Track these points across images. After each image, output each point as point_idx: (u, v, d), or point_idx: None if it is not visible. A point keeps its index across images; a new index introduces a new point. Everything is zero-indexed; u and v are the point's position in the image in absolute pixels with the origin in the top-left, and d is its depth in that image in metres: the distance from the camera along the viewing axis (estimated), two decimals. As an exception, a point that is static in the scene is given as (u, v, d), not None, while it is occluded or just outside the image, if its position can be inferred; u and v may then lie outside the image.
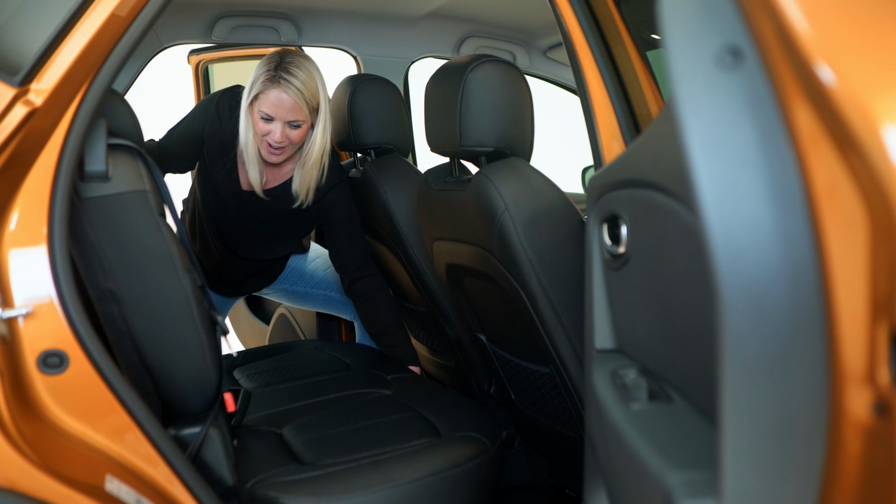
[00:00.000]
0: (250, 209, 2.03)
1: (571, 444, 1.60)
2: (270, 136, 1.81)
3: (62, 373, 1.04)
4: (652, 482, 0.78)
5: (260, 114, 1.80)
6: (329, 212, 2.03)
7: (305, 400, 1.86)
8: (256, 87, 1.79)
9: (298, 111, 1.80)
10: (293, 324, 2.83)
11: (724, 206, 0.63)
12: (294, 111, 1.80)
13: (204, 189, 2.08)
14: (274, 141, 1.82)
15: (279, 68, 1.79)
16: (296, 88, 1.78)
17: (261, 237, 2.11)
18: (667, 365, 0.92)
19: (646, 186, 0.90)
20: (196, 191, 2.15)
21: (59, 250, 1.04)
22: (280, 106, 1.79)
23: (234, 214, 2.06)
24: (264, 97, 1.79)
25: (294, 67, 1.79)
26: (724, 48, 0.64)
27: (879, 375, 0.55)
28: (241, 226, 2.08)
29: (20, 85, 0.99)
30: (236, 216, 2.05)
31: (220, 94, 1.97)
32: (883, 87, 0.55)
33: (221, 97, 1.96)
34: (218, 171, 2.01)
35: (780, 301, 0.62)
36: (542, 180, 1.43)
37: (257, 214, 2.04)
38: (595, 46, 1.42)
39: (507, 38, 2.76)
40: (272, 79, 1.78)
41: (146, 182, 1.23)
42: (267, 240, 2.12)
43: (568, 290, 1.40)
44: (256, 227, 2.07)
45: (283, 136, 1.82)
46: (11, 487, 0.93)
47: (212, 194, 2.06)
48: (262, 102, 1.80)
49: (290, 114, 1.80)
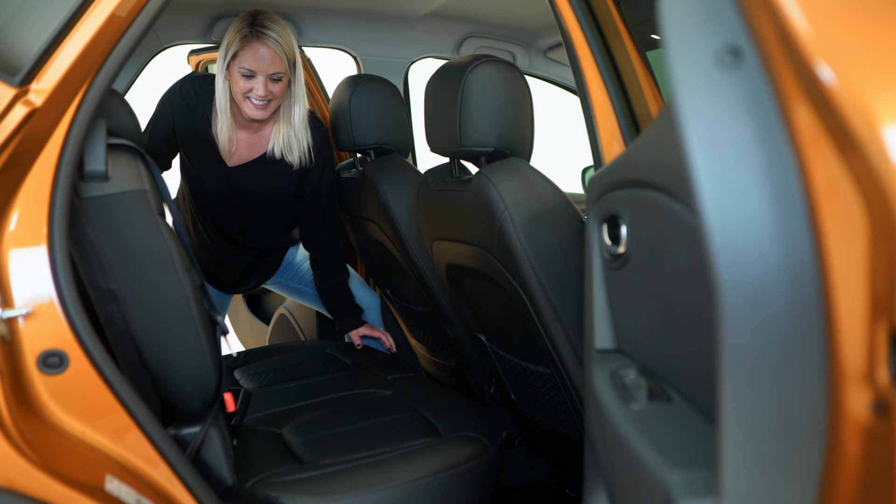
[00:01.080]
0: (244, 185, 2.04)
1: (571, 444, 1.60)
2: (254, 92, 1.84)
3: (62, 373, 1.04)
4: (652, 482, 0.78)
5: (241, 71, 1.83)
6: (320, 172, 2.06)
7: (305, 400, 1.86)
8: (234, 46, 1.82)
9: (279, 63, 1.84)
10: (293, 324, 2.83)
11: (723, 205, 0.63)
12: (275, 63, 1.83)
13: (191, 182, 2.09)
14: (258, 96, 1.84)
15: (254, 24, 1.82)
16: (274, 40, 1.82)
17: (256, 213, 2.12)
18: (666, 365, 0.92)
19: (646, 186, 0.90)
20: (184, 189, 2.17)
21: (58, 250, 1.04)
22: (262, 59, 1.82)
23: (227, 196, 2.06)
24: (244, 53, 1.82)
25: (269, 22, 1.83)
26: (724, 48, 0.64)
27: (879, 375, 0.56)
28: (236, 205, 2.09)
29: (20, 85, 0.99)
30: (230, 197, 2.06)
31: (179, 84, 2.00)
32: (883, 86, 0.55)
33: (182, 85, 1.99)
34: (200, 157, 2.02)
35: (780, 301, 0.62)
36: (541, 180, 1.43)
37: (252, 187, 2.05)
38: (595, 46, 1.42)
39: (507, 39, 2.76)
40: (250, 34, 1.81)
41: (146, 182, 1.23)
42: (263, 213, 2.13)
43: (568, 290, 1.39)
44: (252, 201, 2.08)
45: (266, 89, 1.84)
46: (11, 487, 0.93)
47: (200, 184, 2.07)
48: (242, 59, 1.82)
49: (272, 66, 1.83)
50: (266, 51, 1.81)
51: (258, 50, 1.81)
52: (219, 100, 1.90)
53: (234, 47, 1.82)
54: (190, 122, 1.98)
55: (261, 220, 2.15)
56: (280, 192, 2.08)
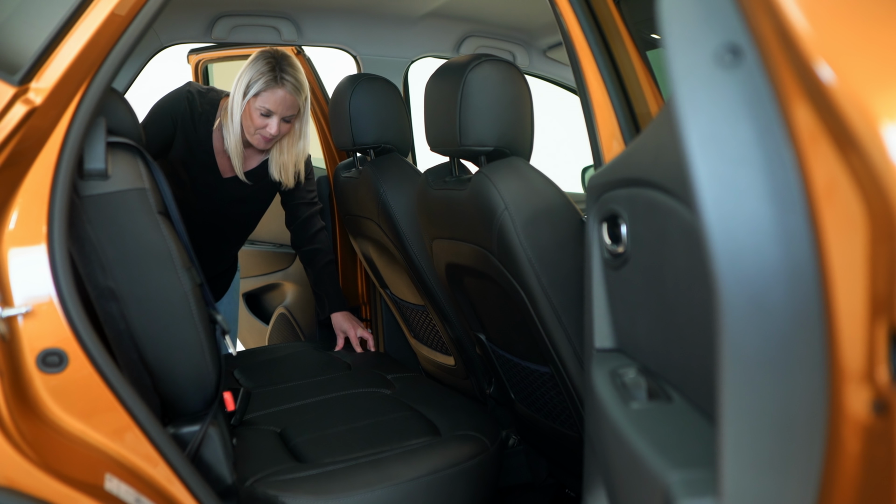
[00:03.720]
0: (233, 193, 2.21)
1: (571, 443, 1.60)
2: (267, 129, 2.00)
3: (62, 372, 1.04)
4: (651, 481, 0.78)
5: (260, 110, 1.98)
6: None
7: (305, 399, 1.86)
8: (257, 87, 1.97)
9: (294, 107, 2.03)
10: (293, 324, 2.83)
11: (723, 204, 0.63)
12: (292, 108, 2.02)
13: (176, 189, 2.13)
14: (270, 134, 2.01)
15: (278, 69, 1.98)
16: (293, 86, 1.99)
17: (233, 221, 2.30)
18: (666, 364, 0.92)
19: (645, 185, 0.90)
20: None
21: (58, 249, 1.04)
22: (282, 104, 1.99)
23: (214, 203, 2.19)
24: (266, 95, 1.97)
25: (290, 68, 2.00)
26: (724, 46, 0.64)
27: (878, 374, 0.55)
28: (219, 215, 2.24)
29: (20, 84, 0.99)
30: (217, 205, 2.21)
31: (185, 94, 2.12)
32: (883, 85, 0.55)
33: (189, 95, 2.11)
34: (194, 166, 2.13)
35: (780, 300, 0.62)
36: (541, 180, 1.43)
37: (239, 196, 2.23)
38: (595, 46, 1.42)
39: (506, 38, 2.76)
40: (275, 79, 1.97)
41: (145, 180, 1.23)
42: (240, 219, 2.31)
43: (567, 289, 1.39)
44: (236, 208, 2.25)
45: (279, 129, 2.02)
46: (11, 486, 0.93)
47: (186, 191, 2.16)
48: (262, 99, 1.97)
49: (289, 110, 2.01)
50: (286, 95, 1.98)
51: (282, 95, 1.98)
52: (233, 124, 2.04)
53: (256, 87, 1.97)
54: (192, 132, 2.11)
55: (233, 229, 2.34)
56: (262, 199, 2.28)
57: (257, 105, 1.98)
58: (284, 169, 2.15)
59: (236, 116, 2.02)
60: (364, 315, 2.69)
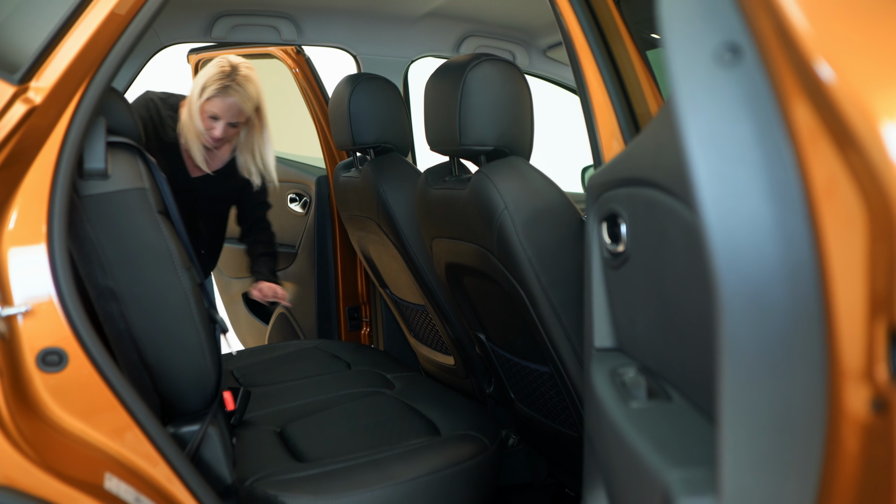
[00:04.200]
0: (204, 191, 2.38)
1: (571, 443, 1.60)
2: (213, 132, 2.19)
3: (61, 371, 1.04)
4: (651, 480, 0.78)
5: (209, 113, 2.17)
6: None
7: (304, 399, 1.86)
8: (209, 92, 2.14)
9: (240, 115, 2.20)
10: (293, 323, 2.83)
11: (723, 203, 0.62)
12: (238, 115, 2.19)
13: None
14: (215, 136, 2.20)
15: (230, 78, 2.15)
16: (242, 97, 2.17)
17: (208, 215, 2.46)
18: (666, 363, 0.92)
19: (645, 185, 0.90)
20: None
21: (58, 248, 1.04)
22: (228, 110, 2.17)
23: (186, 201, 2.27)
24: (216, 101, 2.15)
25: (244, 80, 2.17)
26: (724, 45, 0.64)
27: (878, 372, 0.56)
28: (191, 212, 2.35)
29: (20, 83, 0.99)
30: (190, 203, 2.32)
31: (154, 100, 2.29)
32: (882, 84, 0.55)
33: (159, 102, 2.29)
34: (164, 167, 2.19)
35: (779, 298, 0.62)
36: (541, 179, 1.43)
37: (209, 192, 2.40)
38: (595, 46, 1.42)
39: (506, 38, 2.76)
40: (226, 88, 2.14)
41: (145, 180, 1.23)
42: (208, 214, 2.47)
43: (567, 288, 1.39)
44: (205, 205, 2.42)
45: (224, 132, 2.20)
46: (11, 486, 0.93)
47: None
48: (212, 104, 2.16)
49: (234, 117, 2.19)
50: (234, 104, 2.16)
51: (227, 100, 2.15)
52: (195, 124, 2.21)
53: (208, 93, 2.14)
54: (158, 135, 2.27)
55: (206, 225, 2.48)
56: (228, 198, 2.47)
57: (207, 108, 2.16)
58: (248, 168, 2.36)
59: (195, 117, 2.20)
60: (364, 315, 2.69)
